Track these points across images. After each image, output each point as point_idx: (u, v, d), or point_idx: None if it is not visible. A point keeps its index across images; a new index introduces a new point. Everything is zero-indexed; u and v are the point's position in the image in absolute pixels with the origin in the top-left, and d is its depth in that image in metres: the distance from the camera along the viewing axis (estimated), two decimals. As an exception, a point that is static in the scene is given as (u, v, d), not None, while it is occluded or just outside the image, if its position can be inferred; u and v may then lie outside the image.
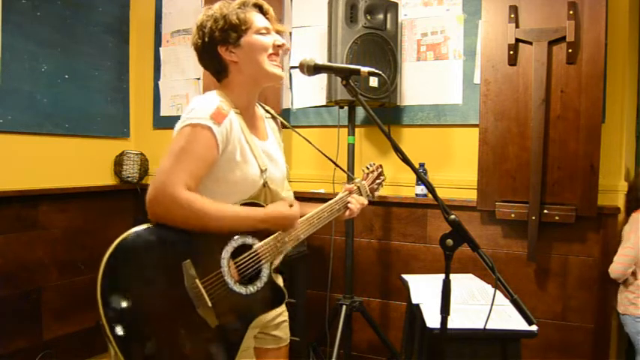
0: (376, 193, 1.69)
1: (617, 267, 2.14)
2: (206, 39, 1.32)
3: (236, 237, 1.26)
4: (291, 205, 1.32)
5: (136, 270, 1.13)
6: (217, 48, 1.32)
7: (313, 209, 1.44)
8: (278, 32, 1.40)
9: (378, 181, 1.70)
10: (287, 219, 1.30)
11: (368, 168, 1.70)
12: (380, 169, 1.73)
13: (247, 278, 1.26)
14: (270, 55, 1.34)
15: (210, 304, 1.16)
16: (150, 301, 1.12)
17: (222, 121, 1.23)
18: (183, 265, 1.15)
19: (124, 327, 1.06)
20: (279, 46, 1.35)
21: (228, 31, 1.30)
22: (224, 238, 1.24)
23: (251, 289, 1.26)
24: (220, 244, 1.23)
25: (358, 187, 1.59)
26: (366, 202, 1.57)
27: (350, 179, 1.66)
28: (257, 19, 1.34)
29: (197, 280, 1.16)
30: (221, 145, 1.23)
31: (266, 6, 1.38)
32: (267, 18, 1.37)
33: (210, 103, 1.25)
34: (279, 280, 1.45)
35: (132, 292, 1.11)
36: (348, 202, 1.51)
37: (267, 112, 1.53)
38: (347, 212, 1.51)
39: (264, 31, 1.34)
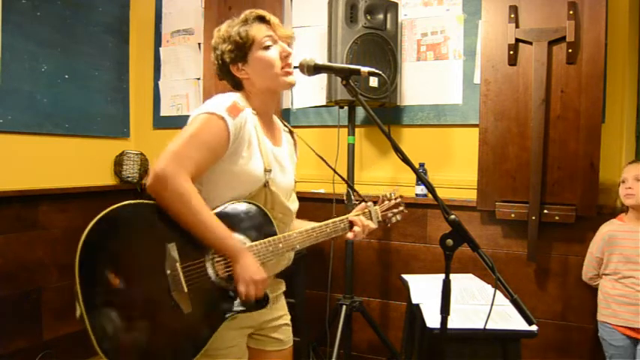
0: (392, 221, 1.64)
1: (583, 270, 2.28)
2: (219, 61, 1.39)
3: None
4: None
5: (120, 241, 1.14)
6: (230, 68, 1.38)
7: (313, 224, 1.44)
8: (286, 38, 1.41)
9: (395, 210, 1.64)
10: (251, 276, 1.24)
11: (387, 195, 1.66)
12: (399, 200, 1.67)
13: (232, 274, 1.25)
14: (282, 67, 1.36)
15: (185, 290, 1.17)
16: (128, 274, 1.13)
17: (238, 115, 1.27)
18: (167, 247, 1.17)
19: (96, 292, 1.07)
20: (286, 56, 1.37)
21: (235, 51, 1.35)
22: None
23: (232, 285, 1.25)
24: None
25: (369, 211, 1.57)
26: (374, 226, 1.54)
27: (362, 201, 1.62)
28: (259, 32, 1.35)
29: (178, 264, 1.17)
30: (232, 138, 1.26)
31: (268, 16, 1.39)
32: (270, 27, 1.38)
33: (228, 98, 1.29)
34: (276, 284, 1.45)
35: (112, 261, 1.11)
36: (353, 224, 1.50)
37: (285, 126, 1.56)
38: (350, 234, 1.49)
39: (268, 43, 1.36)
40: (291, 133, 1.57)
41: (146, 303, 1.14)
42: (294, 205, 1.47)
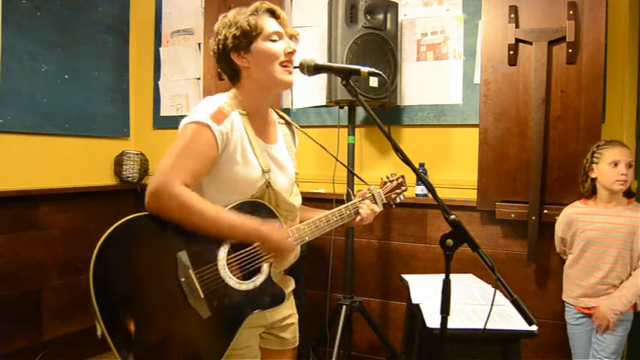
0: (397, 201, 1.67)
1: None
2: (220, 45, 1.36)
3: None
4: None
5: (131, 254, 1.15)
6: (230, 54, 1.35)
7: (319, 214, 1.44)
8: (291, 36, 1.40)
9: (397, 190, 1.68)
10: (279, 244, 1.29)
11: (388, 177, 1.69)
12: (400, 180, 1.70)
13: (246, 274, 1.26)
14: (282, 62, 1.35)
15: (202, 295, 1.18)
16: (142, 287, 1.14)
17: (223, 121, 1.26)
18: (178, 255, 1.17)
19: (114, 308, 1.08)
20: (289, 52, 1.36)
21: (240, 38, 1.33)
22: None
23: (247, 285, 1.26)
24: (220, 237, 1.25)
25: (372, 195, 1.58)
26: (378, 209, 1.56)
27: (355, 186, 1.65)
28: (268, 25, 1.34)
29: (190, 271, 1.18)
30: (221, 144, 1.26)
31: (278, 11, 1.38)
32: (279, 22, 1.37)
33: (213, 103, 1.28)
34: (286, 282, 1.44)
35: (125, 275, 1.12)
36: (359, 208, 1.51)
37: (282, 117, 1.54)
38: (357, 217, 1.51)
39: (275, 37, 1.35)
40: (288, 124, 1.55)
41: (165, 314, 1.15)
42: (297, 199, 1.47)
